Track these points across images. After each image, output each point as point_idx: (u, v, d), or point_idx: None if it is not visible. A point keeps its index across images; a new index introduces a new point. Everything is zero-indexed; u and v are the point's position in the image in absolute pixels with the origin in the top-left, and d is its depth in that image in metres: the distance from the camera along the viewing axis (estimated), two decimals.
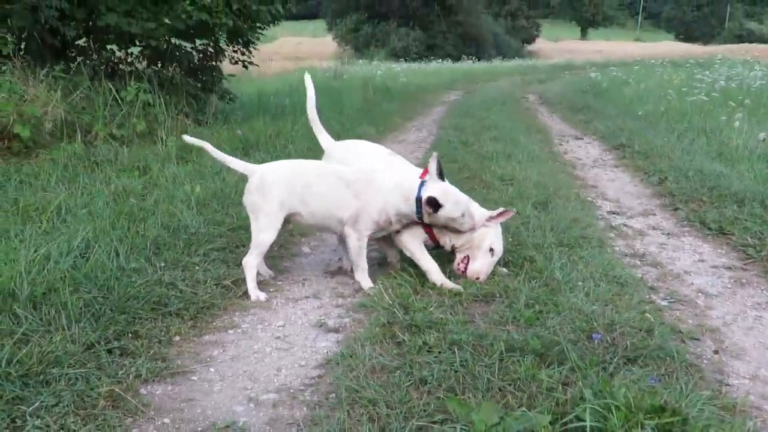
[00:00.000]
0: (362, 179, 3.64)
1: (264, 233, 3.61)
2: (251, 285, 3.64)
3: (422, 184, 3.63)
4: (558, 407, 2.40)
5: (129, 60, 8.50)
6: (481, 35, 46.81)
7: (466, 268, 3.77)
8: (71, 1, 7.41)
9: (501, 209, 3.84)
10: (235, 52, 9.38)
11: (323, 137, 4.27)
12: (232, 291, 3.67)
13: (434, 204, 3.56)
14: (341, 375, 2.73)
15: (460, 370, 2.70)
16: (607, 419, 2.26)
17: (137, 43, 8.29)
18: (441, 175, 3.65)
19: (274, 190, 3.59)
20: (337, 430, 2.34)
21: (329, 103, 11.32)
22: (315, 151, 5.24)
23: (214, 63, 9.30)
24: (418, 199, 3.61)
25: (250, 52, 9.51)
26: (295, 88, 12.05)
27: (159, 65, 8.79)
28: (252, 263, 3.65)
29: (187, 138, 3.78)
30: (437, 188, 3.59)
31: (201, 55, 9.17)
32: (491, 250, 3.74)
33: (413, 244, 3.80)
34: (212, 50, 9.21)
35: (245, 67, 9.67)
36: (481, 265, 3.73)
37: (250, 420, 2.50)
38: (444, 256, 3.94)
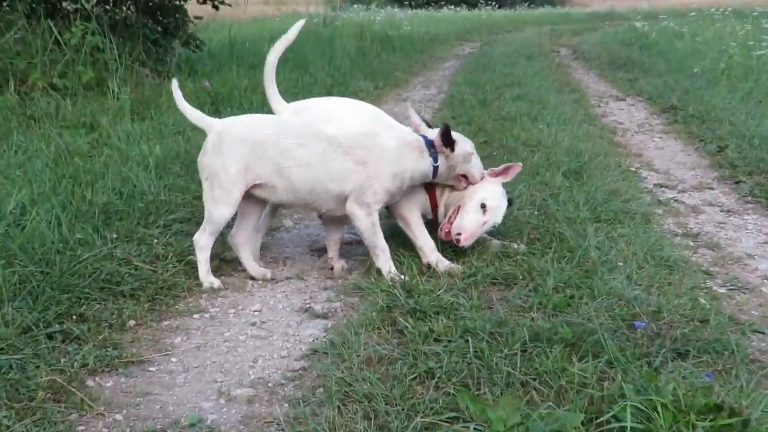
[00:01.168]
0: (365, 143, 3.59)
1: (218, 207, 3.49)
2: (203, 269, 3.56)
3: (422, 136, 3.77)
4: (592, 405, 2.41)
5: None
6: None
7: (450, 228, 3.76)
8: None
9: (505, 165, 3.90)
10: None
11: (275, 99, 4.11)
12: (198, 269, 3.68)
13: (449, 137, 3.67)
14: (330, 366, 2.74)
15: (474, 361, 2.72)
16: (651, 419, 2.27)
17: None
18: (427, 123, 3.90)
19: (235, 151, 3.47)
20: (326, 429, 2.35)
21: (318, 54, 11.29)
22: None
23: (177, 2, 9.24)
24: (430, 144, 3.68)
25: None
26: (276, 34, 12.01)
27: (111, 4, 8.74)
28: (204, 242, 3.55)
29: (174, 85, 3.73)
30: (437, 136, 3.74)
31: None
32: (483, 206, 3.73)
33: (413, 215, 3.82)
34: None
35: (215, 7, 9.62)
36: (468, 222, 3.71)
37: (219, 418, 2.51)
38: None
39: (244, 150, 3.48)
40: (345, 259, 3.91)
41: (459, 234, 3.69)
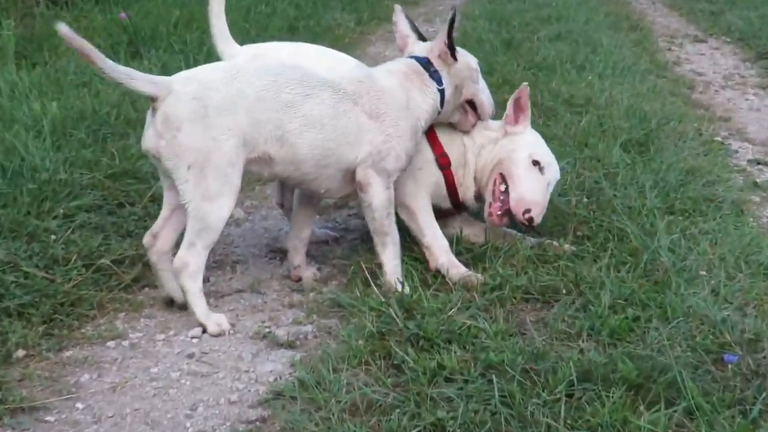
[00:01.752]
0: (369, 89, 3.62)
1: (216, 203, 3.30)
2: (200, 306, 3.40)
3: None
4: None
5: None
6: None
7: (502, 208, 3.82)
8: None
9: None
10: None
11: (223, 39, 4.06)
12: (113, 277, 3.67)
13: (450, 44, 3.76)
14: (300, 416, 2.74)
15: (500, 409, 2.71)
16: None
17: None
18: (420, 35, 4.04)
19: (229, 118, 3.31)
20: None
21: None
22: None
23: None
24: (426, 64, 3.76)
25: None
26: None
27: None
28: (196, 264, 3.35)
29: (63, 30, 3.26)
30: (434, 41, 3.88)
31: None
32: (536, 163, 3.81)
33: (419, 201, 3.85)
34: None
35: None
36: (530, 188, 3.78)
37: None
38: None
39: (241, 114, 3.35)
40: (317, 265, 3.90)
41: (528, 211, 3.75)
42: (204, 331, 3.37)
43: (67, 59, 6.36)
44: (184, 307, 3.49)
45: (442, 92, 3.74)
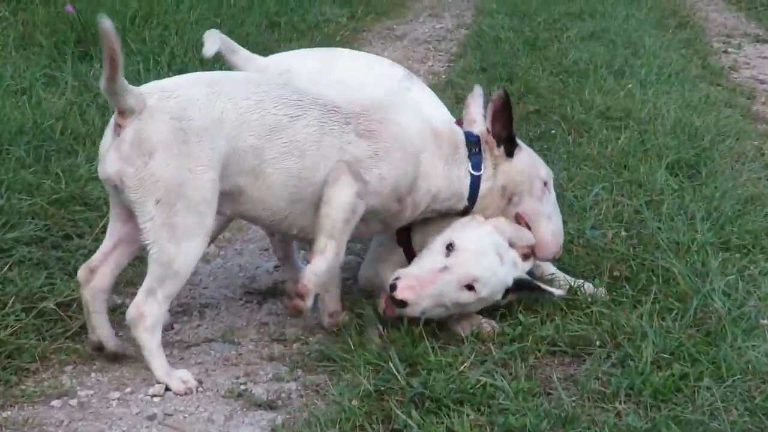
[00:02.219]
0: (373, 115, 3.59)
1: (184, 244, 3.29)
2: (158, 363, 3.39)
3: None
4: None
5: None
6: None
7: None
8: None
9: None
10: None
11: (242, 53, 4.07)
12: (59, 323, 3.68)
13: (509, 137, 3.73)
14: None
15: None
16: None
17: None
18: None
19: (211, 144, 3.29)
20: None
21: None
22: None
23: None
24: (475, 142, 3.74)
25: None
26: None
27: None
28: (156, 316, 3.32)
29: (106, 25, 3.10)
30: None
31: None
32: (450, 246, 3.65)
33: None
34: None
35: None
36: (417, 265, 3.67)
37: None
38: None
39: (223, 139, 3.32)
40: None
41: (397, 278, 3.57)
42: (167, 388, 3.35)
43: (2, 60, 6.37)
44: (113, 357, 3.50)
45: (476, 180, 3.72)
